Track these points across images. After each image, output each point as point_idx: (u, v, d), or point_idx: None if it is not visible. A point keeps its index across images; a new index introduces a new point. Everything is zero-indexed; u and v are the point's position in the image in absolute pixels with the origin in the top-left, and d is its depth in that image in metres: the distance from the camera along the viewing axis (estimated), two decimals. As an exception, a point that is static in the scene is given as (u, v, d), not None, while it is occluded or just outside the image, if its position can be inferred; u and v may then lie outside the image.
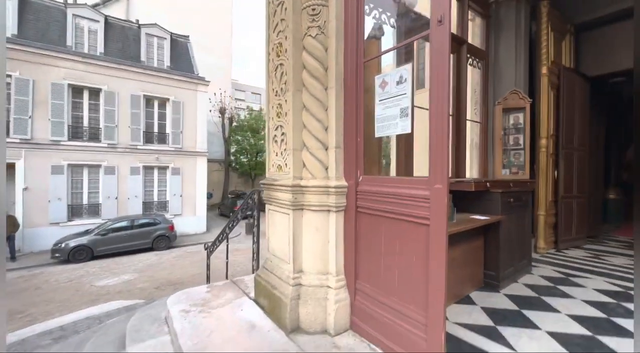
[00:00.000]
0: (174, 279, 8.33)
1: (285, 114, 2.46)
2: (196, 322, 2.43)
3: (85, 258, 10.11)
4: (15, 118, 10.94)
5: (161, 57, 14.47)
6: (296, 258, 2.37)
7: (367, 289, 2.18)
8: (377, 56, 2.36)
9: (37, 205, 11.28)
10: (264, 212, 3.07)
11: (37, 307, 6.63)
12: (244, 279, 3.39)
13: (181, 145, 14.44)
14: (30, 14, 11.73)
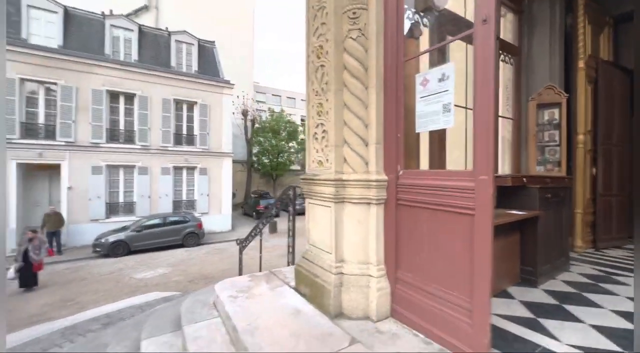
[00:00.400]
0: (205, 274, 8.72)
1: (327, 113, 2.60)
2: (244, 305, 2.62)
3: (123, 253, 10.78)
4: (61, 122, 11.85)
5: (189, 63, 15.14)
6: (338, 248, 2.51)
7: (408, 278, 2.28)
8: (418, 55, 2.45)
9: (79, 203, 12.14)
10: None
11: (85, 296, 7.19)
12: (282, 270, 3.57)
13: (208, 146, 15.03)
14: (73, 26, 12.67)
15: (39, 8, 11.91)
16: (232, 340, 2.31)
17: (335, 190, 2.47)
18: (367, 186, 2.41)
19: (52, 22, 12.19)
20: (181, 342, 2.60)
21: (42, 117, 11.78)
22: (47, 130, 11.78)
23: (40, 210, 12.05)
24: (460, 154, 3.43)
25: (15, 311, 6.45)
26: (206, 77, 15.06)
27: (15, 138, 11.08)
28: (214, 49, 16.45)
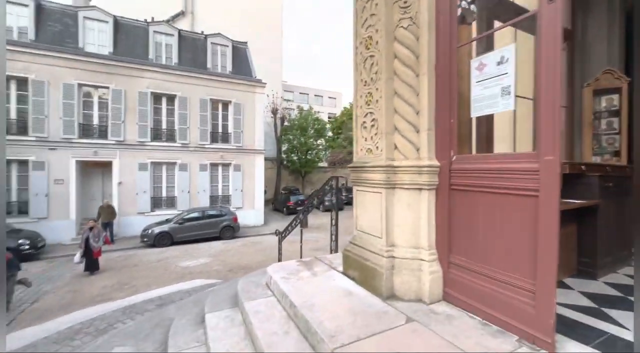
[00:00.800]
0: (243, 264, 9.14)
1: (377, 101, 2.68)
2: (297, 285, 2.79)
3: (167, 243, 11.57)
4: (112, 123, 12.92)
5: (224, 63, 15.80)
6: (388, 233, 2.58)
7: (462, 262, 2.30)
8: (471, 41, 2.45)
9: (128, 197, 13.18)
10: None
11: (138, 280, 7.84)
12: (327, 257, 3.71)
13: (241, 144, 15.62)
14: (122, 33, 13.73)
15: (93, 19, 13.04)
16: (290, 315, 2.48)
17: (386, 177, 2.55)
18: (418, 172, 2.45)
19: (103, 31, 13.29)
20: (240, 316, 2.82)
21: (96, 119, 12.92)
22: (100, 130, 12.90)
23: (96, 203, 13.24)
24: (501, 145, 3.35)
25: (81, 292, 7.20)
26: (240, 77, 15.64)
27: (75, 138, 12.26)
28: (246, 50, 17.01)
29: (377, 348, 1.81)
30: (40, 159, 11.72)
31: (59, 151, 12.00)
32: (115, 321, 5.41)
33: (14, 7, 11.85)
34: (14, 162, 11.56)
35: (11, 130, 11.50)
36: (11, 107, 11.59)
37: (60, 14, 12.80)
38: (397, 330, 2.01)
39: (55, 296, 6.93)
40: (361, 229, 2.93)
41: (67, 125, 12.12)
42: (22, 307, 6.29)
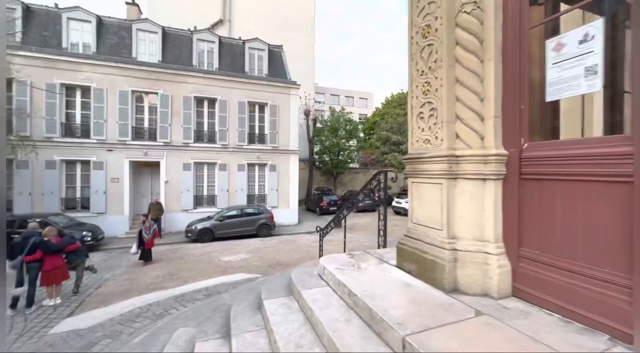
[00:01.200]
0: (281, 261, 9.34)
1: (436, 90, 2.61)
2: (353, 276, 2.79)
3: (209, 239, 12.17)
4: (160, 126, 13.90)
5: (260, 67, 16.35)
6: (450, 225, 2.50)
7: (534, 255, 2.16)
8: (545, 21, 2.31)
9: (173, 195, 14.07)
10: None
11: (185, 272, 8.33)
12: (376, 251, 3.68)
13: (277, 144, 16.02)
14: (169, 43, 14.76)
15: (144, 31, 14.17)
16: (348, 304, 2.49)
17: (447, 167, 2.48)
18: (483, 161, 2.35)
19: (153, 41, 14.38)
20: (296, 304, 2.88)
21: (147, 122, 13.98)
22: (150, 132, 13.94)
23: (145, 200, 14.32)
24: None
25: (136, 280, 7.80)
26: (275, 79, 16.09)
27: (128, 140, 13.37)
28: (281, 53, 17.46)
29: (450, 338, 1.76)
30: (100, 159, 12.92)
31: (115, 152, 13.15)
32: (169, 307, 5.80)
33: (79, 23, 13.24)
34: (78, 162, 12.86)
35: (76, 133, 12.82)
36: (76, 113, 12.93)
37: (117, 28, 14.07)
38: (467, 322, 1.94)
39: (115, 283, 7.58)
40: (417, 222, 2.87)
41: (122, 129, 13.25)
42: (89, 291, 6.95)
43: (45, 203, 11.97)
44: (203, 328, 3.01)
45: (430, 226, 2.69)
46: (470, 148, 2.44)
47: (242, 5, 24.52)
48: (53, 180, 12.24)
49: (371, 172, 29.11)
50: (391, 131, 21.50)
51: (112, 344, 4.45)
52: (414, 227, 2.92)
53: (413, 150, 2.92)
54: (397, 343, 1.83)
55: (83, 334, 4.91)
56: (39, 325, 5.33)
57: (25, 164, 11.63)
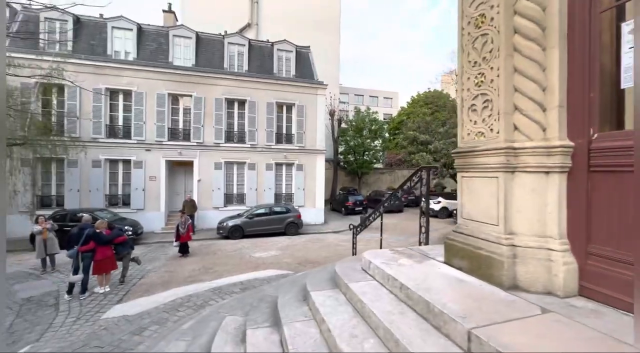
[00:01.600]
0: (310, 259, 9.43)
1: (491, 81, 2.54)
2: (402, 270, 2.77)
3: (239, 236, 12.53)
4: (194, 127, 14.53)
5: (288, 68, 16.61)
6: (507, 220, 2.42)
7: (606, 252, 2.04)
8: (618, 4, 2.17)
9: (205, 193, 14.64)
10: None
11: (219, 267, 8.64)
12: (420, 248, 3.62)
13: (304, 144, 16.19)
14: (202, 47, 15.40)
15: (180, 36, 14.89)
16: (400, 297, 2.47)
17: (505, 160, 2.39)
18: (546, 153, 2.25)
19: (188, 46, 15.07)
20: (343, 297, 2.91)
21: (181, 123, 14.66)
22: (184, 133, 14.61)
23: (179, 198, 15.01)
24: None
25: (175, 272, 8.20)
26: (303, 80, 16.29)
27: (165, 140, 14.09)
28: (309, 53, 17.65)
29: (520, 333, 1.70)
30: (139, 158, 13.72)
31: (153, 152, 13.91)
32: (208, 299, 6.04)
33: (122, 31, 14.16)
34: (120, 161, 13.74)
35: (119, 134, 13.70)
36: (119, 115, 13.83)
37: (155, 34, 14.89)
38: (535, 318, 1.87)
39: (156, 274, 8.01)
40: (468, 217, 2.80)
41: (159, 130, 13.99)
42: (133, 281, 7.40)
43: (91, 199, 12.90)
44: (251, 317, 3.12)
45: (484, 221, 2.61)
46: (530, 140, 2.34)
47: (268, 9, 25.06)
48: (98, 178, 13.16)
49: (396, 173, 28.63)
50: (418, 130, 21.00)
51: (159, 330, 4.72)
52: (465, 223, 2.84)
53: (464, 143, 2.85)
54: (460, 336, 1.80)
55: (132, 320, 5.25)
56: (93, 310, 5.75)
57: (75, 163, 12.60)
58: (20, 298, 6.34)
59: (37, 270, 8.20)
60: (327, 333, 2.35)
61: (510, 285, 2.32)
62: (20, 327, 5.13)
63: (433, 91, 32.93)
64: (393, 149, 30.06)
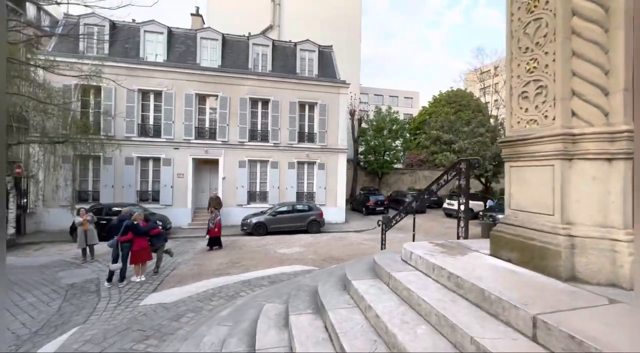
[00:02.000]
0: (334, 256, 9.43)
1: (546, 66, 2.46)
2: (448, 261, 2.73)
3: (263, 233, 12.73)
4: (219, 126, 14.92)
5: (311, 68, 16.73)
6: (564, 209, 2.33)
7: (681, 243, 1.92)
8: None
9: (230, 190, 14.98)
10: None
11: (246, 261, 8.82)
12: (458, 241, 3.55)
13: (325, 143, 16.23)
14: (228, 48, 15.82)
15: (207, 38, 15.38)
16: (448, 286, 2.44)
17: (562, 147, 2.31)
18: (610, 139, 2.15)
19: (214, 47, 15.52)
20: (385, 286, 2.90)
21: (207, 122, 15.11)
22: (210, 132, 15.04)
23: (204, 195, 15.45)
24: None
25: (204, 265, 8.44)
26: (325, 79, 16.35)
27: (192, 139, 14.57)
28: (331, 53, 17.71)
29: (589, 321, 1.63)
30: (168, 156, 14.26)
31: (181, 150, 14.41)
32: (239, 290, 6.18)
33: (153, 35, 14.80)
34: (151, 159, 14.33)
35: (149, 133, 14.31)
36: (150, 115, 14.45)
37: (184, 37, 15.46)
38: (603, 308, 1.79)
39: (186, 267, 8.28)
40: (517, 207, 2.72)
41: (187, 129, 14.49)
42: (166, 272, 7.69)
43: (124, 195, 13.53)
44: (293, 304, 3.17)
45: (536, 211, 2.53)
46: (591, 125, 2.25)
47: (290, 10, 25.37)
48: (131, 175, 13.80)
49: (417, 174, 28.09)
50: (442, 130, 20.52)
51: (196, 317, 4.89)
52: (514, 213, 2.76)
53: (513, 132, 2.78)
54: (523, 323, 1.76)
55: (169, 307, 5.46)
56: (131, 297, 6.03)
57: (110, 160, 13.28)
58: (65, 284, 6.76)
59: (77, 260, 8.69)
60: (375, 319, 2.35)
61: (568, 276, 2.23)
62: (68, 309, 5.47)
63: (456, 90, 32.07)
64: (414, 149, 29.54)
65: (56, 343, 4.32)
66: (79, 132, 11.40)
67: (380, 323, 2.26)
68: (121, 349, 4.07)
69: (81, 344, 4.27)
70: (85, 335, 4.53)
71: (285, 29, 24.95)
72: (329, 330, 2.55)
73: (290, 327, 2.75)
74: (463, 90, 32.77)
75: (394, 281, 2.75)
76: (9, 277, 7.32)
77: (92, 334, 4.53)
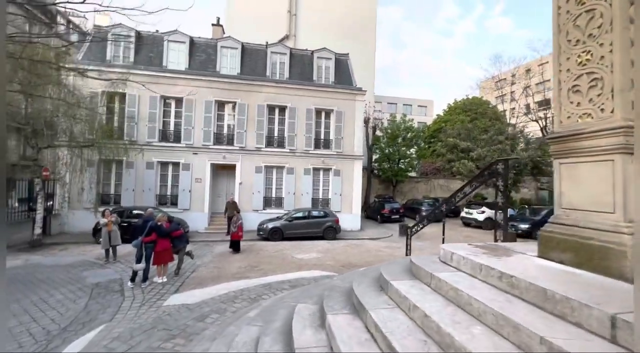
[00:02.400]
0: (352, 262, 9.26)
1: (601, 58, 2.37)
2: (492, 261, 2.61)
3: (279, 238, 12.69)
4: (237, 132, 15.16)
5: (327, 75, 16.91)
6: (627, 206, 2.19)
7: None
8: None
9: (246, 196, 15.08)
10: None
11: (264, 265, 8.76)
12: (497, 243, 3.41)
13: (341, 150, 16.22)
14: (247, 56, 16.21)
15: (227, 47, 15.82)
16: (499, 286, 2.32)
17: (623, 140, 2.19)
18: (678, 131, 2.02)
19: (233, 56, 15.93)
20: (426, 286, 2.79)
21: (226, 128, 15.39)
22: (228, 138, 15.28)
23: (220, 200, 15.59)
24: None
25: (223, 269, 8.43)
26: (342, 86, 16.46)
27: (211, 145, 14.84)
28: (347, 60, 17.87)
29: (677, 322, 1.49)
30: (187, 161, 14.54)
31: (199, 155, 14.68)
32: (261, 293, 6.12)
33: (176, 44, 15.33)
34: (170, 164, 14.64)
35: (170, 138, 14.66)
36: (170, 121, 14.84)
37: (205, 46, 15.95)
38: (688, 309, 1.64)
39: (206, 269, 8.30)
40: (570, 206, 2.59)
41: (205, 134, 14.78)
42: (186, 274, 7.71)
43: (144, 198, 13.82)
44: (328, 304, 3.08)
45: (592, 210, 2.40)
46: (655, 117, 2.12)
47: (305, 20, 25.90)
48: (151, 179, 14.10)
49: (432, 182, 27.63)
50: (459, 137, 20.21)
51: (220, 318, 4.84)
52: (565, 213, 2.63)
53: (562, 128, 2.67)
54: (598, 323, 1.63)
55: (192, 308, 5.44)
56: (154, 298, 6.05)
57: (132, 165, 13.63)
58: (90, 283, 6.86)
59: (100, 260, 8.85)
60: (423, 319, 2.25)
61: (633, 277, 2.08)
62: (94, 307, 5.52)
63: (472, 98, 31.72)
64: (429, 158, 29.17)
65: (85, 339, 4.35)
66: (105, 137, 11.79)
67: (429, 323, 2.16)
68: (149, 347, 4.05)
69: (109, 341, 4.28)
70: (112, 332, 4.54)
71: (300, 38, 25.41)
72: (371, 330, 2.45)
73: (328, 326, 2.66)
74: (479, 98, 32.36)
75: (437, 281, 2.64)
76: (36, 275, 7.51)
77: (119, 332, 4.55)
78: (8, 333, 4.51)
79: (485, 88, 31.86)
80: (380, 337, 2.26)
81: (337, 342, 2.34)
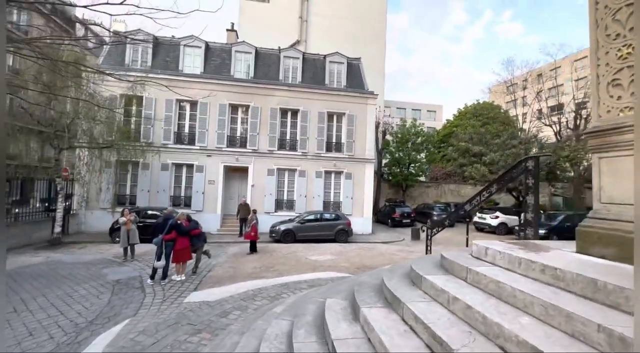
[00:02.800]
0: (366, 264, 9.21)
1: (643, 51, 2.36)
2: (531, 256, 2.58)
3: (291, 240, 12.71)
4: (250, 135, 15.34)
5: (339, 79, 17.05)
6: (674, 198, 2.16)
7: None
8: None
9: (258, 198, 15.18)
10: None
11: (279, 266, 8.78)
12: (528, 241, 3.37)
13: (353, 153, 16.25)
14: (260, 61, 16.47)
15: (241, 52, 16.12)
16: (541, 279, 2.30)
17: (670, 131, 2.17)
18: None
19: (247, 60, 16.22)
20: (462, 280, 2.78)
21: (239, 131, 15.59)
22: (241, 140, 15.48)
23: (232, 202, 15.73)
24: None
25: (238, 269, 8.48)
26: (354, 90, 16.58)
27: (224, 147, 15.04)
28: (359, 65, 18.01)
29: None
30: (201, 163, 14.75)
31: (213, 157, 14.88)
32: (280, 292, 6.13)
33: (192, 49, 15.69)
34: (184, 166, 14.87)
35: (184, 141, 14.92)
36: (185, 124, 15.12)
37: (219, 51, 16.28)
38: None
39: (222, 269, 8.35)
40: (610, 201, 2.56)
41: (219, 137, 15.00)
42: (203, 273, 7.78)
43: (158, 199, 14.03)
44: (360, 298, 3.08)
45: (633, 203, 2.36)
46: None
47: (316, 26, 26.25)
48: (165, 180, 14.34)
49: (443, 187, 27.38)
50: (471, 142, 20.05)
51: (242, 315, 4.88)
52: (605, 207, 2.60)
53: (602, 122, 2.66)
54: (658, 312, 1.60)
55: (213, 305, 5.48)
56: (175, 294, 6.12)
57: (147, 166, 13.90)
58: (111, 280, 6.97)
59: (118, 259, 8.99)
60: (465, 311, 2.24)
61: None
62: (117, 303, 5.61)
63: (482, 103, 31.52)
64: (439, 162, 28.97)
65: (112, 332, 4.42)
66: (123, 139, 12.07)
67: (473, 315, 2.15)
68: (176, 340, 4.09)
69: (135, 334, 4.35)
70: (137, 326, 4.61)
71: (311, 44, 25.72)
72: (410, 322, 2.44)
73: (364, 319, 2.66)
74: (490, 102, 32.14)
75: (474, 275, 2.63)
76: (58, 271, 7.67)
77: (144, 326, 4.61)
78: (38, 324, 4.62)
79: (497, 92, 31.62)
80: (420, 328, 2.26)
81: (376, 333, 2.34)
